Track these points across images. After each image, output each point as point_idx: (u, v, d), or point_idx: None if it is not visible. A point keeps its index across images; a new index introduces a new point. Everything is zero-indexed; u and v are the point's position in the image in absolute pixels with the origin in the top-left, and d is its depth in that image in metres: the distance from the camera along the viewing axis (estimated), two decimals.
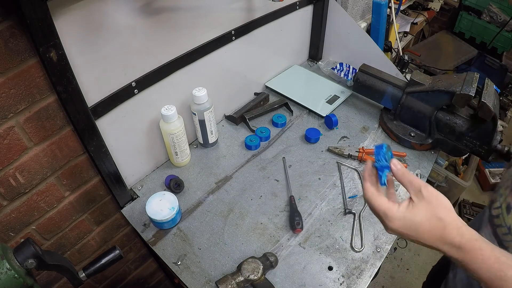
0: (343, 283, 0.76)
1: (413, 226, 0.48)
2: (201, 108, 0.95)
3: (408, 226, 0.48)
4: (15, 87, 0.63)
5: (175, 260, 0.80)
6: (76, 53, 0.66)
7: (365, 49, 1.27)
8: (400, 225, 0.49)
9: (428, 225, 0.47)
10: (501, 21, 2.35)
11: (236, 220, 0.88)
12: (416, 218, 0.48)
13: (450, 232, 0.46)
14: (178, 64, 0.89)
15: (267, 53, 1.21)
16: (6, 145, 0.67)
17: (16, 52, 0.60)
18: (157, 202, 0.84)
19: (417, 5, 2.21)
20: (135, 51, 0.77)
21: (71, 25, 0.63)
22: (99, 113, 0.76)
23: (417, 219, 0.48)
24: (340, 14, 1.28)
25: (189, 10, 0.85)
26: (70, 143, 0.78)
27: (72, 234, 0.92)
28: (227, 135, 1.12)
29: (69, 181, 0.83)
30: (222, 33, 0.97)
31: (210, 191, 0.95)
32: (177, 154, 0.97)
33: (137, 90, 0.82)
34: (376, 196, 0.51)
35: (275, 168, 1.01)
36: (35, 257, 0.56)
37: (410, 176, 0.51)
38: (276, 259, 0.78)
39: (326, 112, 1.17)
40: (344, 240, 0.84)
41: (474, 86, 0.90)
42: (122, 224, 1.07)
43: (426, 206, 0.48)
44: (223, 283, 0.72)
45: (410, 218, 0.48)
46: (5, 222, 0.75)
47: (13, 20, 0.57)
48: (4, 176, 0.70)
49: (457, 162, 2.06)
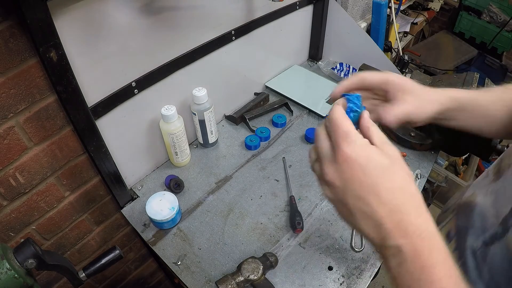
0: (343, 283, 0.76)
1: (376, 171, 0.33)
2: (201, 108, 0.95)
3: (369, 166, 0.33)
4: (15, 87, 0.63)
5: (175, 260, 0.80)
6: (76, 53, 0.66)
7: (365, 49, 1.27)
8: (361, 155, 0.34)
9: (398, 186, 0.33)
10: (501, 21, 2.35)
11: (236, 220, 0.88)
12: (384, 162, 0.34)
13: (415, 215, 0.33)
14: (178, 64, 0.89)
15: (267, 53, 1.21)
16: (6, 145, 0.67)
17: (16, 52, 0.60)
18: (157, 202, 0.84)
19: (417, 5, 2.21)
20: (135, 51, 0.77)
21: (71, 25, 0.63)
22: (99, 113, 0.76)
23: (385, 164, 0.34)
24: (340, 14, 1.28)
25: (189, 10, 0.85)
26: (70, 143, 0.78)
27: (72, 234, 0.92)
28: (227, 135, 1.12)
29: (69, 181, 0.83)
30: (222, 33, 0.97)
31: (210, 191, 0.95)
32: (177, 154, 0.97)
33: (137, 90, 0.82)
34: (345, 116, 0.37)
35: (275, 168, 1.01)
36: (35, 257, 0.56)
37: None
38: (276, 259, 0.78)
39: (326, 112, 1.15)
40: (344, 240, 0.84)
41: (474, 86, 0.90)
42: (122, 224, 1.07)
43: (402, 166, 0.35)
44: (223, 283, 0.72)
45: (377, 159, 0.34)
46: (5, 222, 0.75)
47: (13, 20, 0.57)
48: (4, 176, 0.70)
49: (457, 162, 2.06)
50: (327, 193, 0.38)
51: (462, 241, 0.51)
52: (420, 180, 0.98)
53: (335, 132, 0.36)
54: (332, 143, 0.37)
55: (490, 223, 0.46)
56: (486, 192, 0.51)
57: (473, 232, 0.50)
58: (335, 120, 0.37)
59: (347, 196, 0.35)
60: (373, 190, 0.33)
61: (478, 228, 0.49)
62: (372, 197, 0.33)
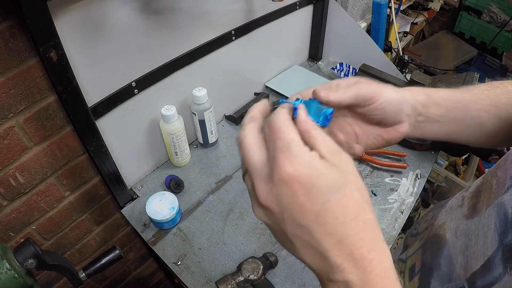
0: None
1: (323, 196, 0.27)
2: (201, 108, 0.95)
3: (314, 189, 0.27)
4: (15, 87, 0.63)
5: (175, 260, 0.80)
6: (76, 53, 0.66)
7: (365, 49, 1.27)
8: (304, 174, 0.27)
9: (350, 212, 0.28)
10: (501, 21, 2.35)
11: (236, 220, 0.88)
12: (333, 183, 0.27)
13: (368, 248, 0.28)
14: (178, 64, 0.89)
15: (267, 53, 1.21)
16: (6, 145, 0.67)
17: (16, 52, 0.60)
18: (157, 202, 0.84)
19: (417, 5, 2.21)
20: (135, 51, 0.77)
21: (71, 25, 0.63)
22: (99, 113, 0.76)
23: (335, 186, 0.27)
24: (340, 14, 1.28)
25: (189, 10, 0.85)
26: (70, 143, 0.78)
27: (72, 234, 0.92)
28: (227, 135, 1.12)
29: (69, 181, 0.83)
30: (222, 33, 0.97)
31: (210, 191, 0.95)
32: (177, 154, 0.97)
33: (137, 90, 0.82)
34: (290, 122, 0.30)
35: None
36: (35, 257, 0.56)
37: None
38: (276, 259, 0.78)
39: None
40: None
41: None
42: (122, 224, 1.07)
43: (356, 184, 0.29)
44: (223, 283, 0.72)
45: (325, 179, 0.27)
46: (5, 222, 0.75)
47: (13, 20, 0.57)
48: (4, 176, 0.70)
49: (457, 162, 2.06)
50: (261, 217, 0.30)
51: (425, 282, 0.47)
52: (420, 180, 0.98)
53: (274, 142, 0.29)
54: (269, 156, 0.29)
55: (456, 274, 0.41)
56: (456, 229, 0.45)
57: (438, 276, 0.45)
58: (275, 127, 0.29)
59: (285, 223, 0.28)
60: (318, 219, 0.27)
61: (444, 273, 0.44)
62: (317, 227, 0.27)
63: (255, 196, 0.30)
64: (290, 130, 0.29)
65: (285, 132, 0.29)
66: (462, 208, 0.46)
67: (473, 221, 0.42)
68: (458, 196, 0.50)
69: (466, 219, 0.44)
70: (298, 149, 0.28)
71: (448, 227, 0.47)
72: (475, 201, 0.44)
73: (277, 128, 0.29)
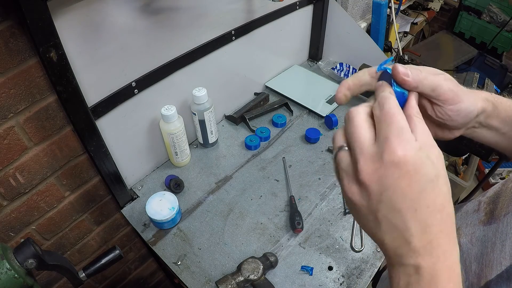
0: (343, 283, 0.76)
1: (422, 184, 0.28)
2: (201, 108, 0.95)
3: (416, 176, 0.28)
4: (15, 87, 0.63)
5: (175, 260, 0.80)
6: (76, 53, 0.66)
7: (365, 49, 1.27)
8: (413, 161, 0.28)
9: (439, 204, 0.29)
10: (501, 21, 2.35)
11: (236, 220, 0.88)
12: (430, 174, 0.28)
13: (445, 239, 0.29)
14: (178, 64, 0.89)
15: (267, 53, 1.21)
16: (6, 145, 0.67)
17: (16, 52, 0.60)
18: (157, 202, 0.84)
19: (417, 5, 2.21)
20: (135, 51, 0.77)
21: (71, 25, 0.63)
22: (99, 113, 0.76)
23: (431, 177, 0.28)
24: (340, 14, 1.28)
25: (189, 10, 0.85)
26: (70, 143, 0.78)
27: (72, 234, 0.92)
28: (227, 135, 1.12)
29: (69, 181, 0.83)
30: (222, 33, 0.97)
31: (210, 191, 0.95)
32: (177, 154, 0.97)
33: (137, 90, 0.82)
34: (400, 109, 0.31)
35: (275, 168, 1.01)
36: (35, 257, 0.56)
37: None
38: (276, 259, 0.78)
39: (326, 112, 1.17)
40: (344, 240, 0.84)
41: (474, 86, 0.91)
42: (122, 224, 1.07)
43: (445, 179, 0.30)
44: (223, 283, 0.72)
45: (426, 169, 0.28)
46: (5, 222, 0.75)
47: (13, 20, 0.57)
48: (4, 176, 0.70)
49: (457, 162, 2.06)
50: (353, 195, 0.31)
51: None
52: None
53: (388, 125, 0.29)
54: (378, 136, 0.30)
55: (469, 282, 0.40)
56: (472, 235, 0.44)
57: None
58: (389, 111, 0.30)
59: (380, 205, 0.29)
60: (414, 205, 0.28)
61: None
62: (410, 212, 0.28)
63: (354, 172, 0.30)
64: (402, 117, 0.30)
65: (399, 117, 0.30)
66: (479, 213, 0.45)
67: (491, 228, 0.41)
68: (474, 201, 0.49)
69: (482, 225, 0.43)
70: (410, 136, 0.29)
71: (463, 233, 0.46)
72: (492, 206, 0.43)
73: (392, 113, 0.30)
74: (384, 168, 0.28)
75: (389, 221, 0.29)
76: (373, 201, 0.30)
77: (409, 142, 0.28)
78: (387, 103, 0.30)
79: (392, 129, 0.29)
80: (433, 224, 0.28)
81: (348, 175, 0.31)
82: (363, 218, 0.31)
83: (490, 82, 0.94)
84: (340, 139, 0.33)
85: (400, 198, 0.28)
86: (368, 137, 0.30)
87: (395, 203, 0.29)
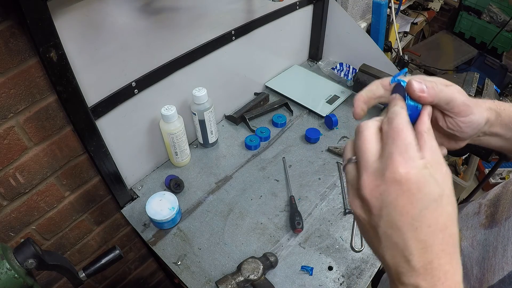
0: (343, 283, 0.76)
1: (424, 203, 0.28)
2: (201, 108, 0.95)
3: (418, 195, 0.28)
4: (15, 87, 0.63)
5: (175, 260, 0.80)
6: (76, 53, 0.66)
7: (365, 49, 1.27)
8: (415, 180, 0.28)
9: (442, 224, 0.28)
10: (501, 21, 2.35)
11: (236, 220, 0.88)
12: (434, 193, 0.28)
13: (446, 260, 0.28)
14: (178, 64, 0.89)
15: (267, 53, 1.21)
16: (6, 145, 0.67)
17: (16, 52, 0.60)
18: (157, 202, 0.84)
19: (417, 5, 2.21)
20: (135, 51, 0.77)
21: (71, 25, 0.63)
22: (99, 113, 0.76)
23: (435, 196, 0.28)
24: (340, 14, 1.28)
25: (189, 10, 0.85)
26: (70, 143, 0.78)
27: (72, 234, 0.92)
28: (227, 135, 1.12)
29: (69, 181, 0.83)
30: (222, 33, 0.97)
31: (210, 191, 0.95)
32: (177, 154, 0.97)
33: (137, 90, 0.82)
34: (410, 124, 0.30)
35: (275, 168, 1.01)
36: (35, 257, 0.56)
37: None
38: (276, 259, 0.78)
39: (326, 112, 1.17)
40: (344, 240, 0.84)
41: (474, 86, 0.90)
42: (122, 224, 1.07)
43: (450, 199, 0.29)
44: (223, 283, 0.72)
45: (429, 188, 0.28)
46: (5, 222, 0.75)
47: (13, 20, 0.57)
48: (4, 176, 0.70)
49: (457, 162, 2.06)
50: (356, 208, 0.31)
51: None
52: None
53: (393, 141, 0.29)
54: (383, 151, 0.30)
55: (471, 286, 0.40)
56: (473, 238, 0.44)
57: None
58: (397, 127, 0.30)
59: (380, 220, 0.29)
60: (414, 223, 0.28)
61: None
62: (410, 231, 0.28)
63: (357, 187, 0.31)
64: (410, 133, 0.30)
65: (406, 134, 0.29)
66: (479, 216, 0.45)
67: (492, 232, 0.41)
68: (475, 203, 0.49)
69: (483, 228, 0.43)
70: (414, 153, 0.29)
71: (464, 236, 0.46)
72: (493, 209, 0.43)
73: (399, 129, 0.30)
74: (385, 185, 0.28)
75: (389, 237, 0.29)
76: (374, 217, 0.30)
77: (413, 160, 0.28)
78: (396, 118, 0.30)
79: (397, 145, 0.29)
80: (434, 243, 0.28)
81: (353, 188, 0.32)
82: (365, 232, 0.32)
83: (490, 82, 0.94)
84: (349, 151, 0.33)
85: (400, 216, 0.28)
86: (374, 153, 0.30)
87: (395, 220, 0.28)
